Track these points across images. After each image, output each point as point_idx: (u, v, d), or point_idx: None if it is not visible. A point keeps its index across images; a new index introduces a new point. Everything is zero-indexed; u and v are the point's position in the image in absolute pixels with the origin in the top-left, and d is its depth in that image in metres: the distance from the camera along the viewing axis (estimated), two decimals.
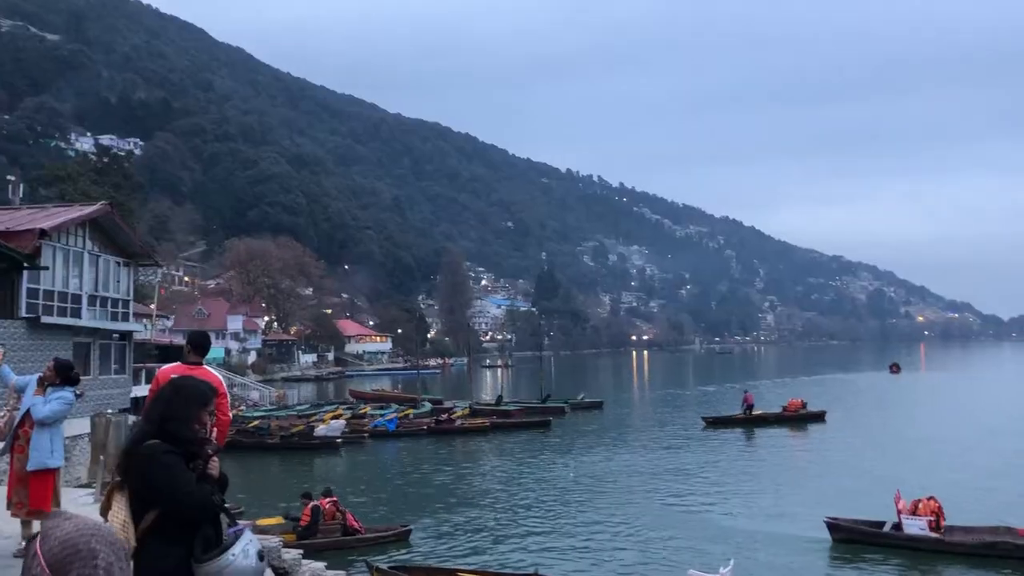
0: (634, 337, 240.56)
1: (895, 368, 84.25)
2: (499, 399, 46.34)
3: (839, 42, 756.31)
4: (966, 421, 37.97)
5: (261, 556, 3.64)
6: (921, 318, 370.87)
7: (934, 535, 14.79)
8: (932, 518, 14.95)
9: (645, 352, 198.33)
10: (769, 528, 17.24)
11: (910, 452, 28.22)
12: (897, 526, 15.40)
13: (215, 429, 4.07)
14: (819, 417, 37.62)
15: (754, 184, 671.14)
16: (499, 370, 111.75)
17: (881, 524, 15.70)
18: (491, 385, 77.28)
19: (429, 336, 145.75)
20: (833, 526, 15.67)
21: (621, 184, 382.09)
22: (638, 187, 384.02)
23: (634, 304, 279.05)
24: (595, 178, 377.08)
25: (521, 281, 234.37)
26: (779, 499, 20.37)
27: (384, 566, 13.18)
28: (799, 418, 37.32)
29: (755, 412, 37.51)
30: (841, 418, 38.51)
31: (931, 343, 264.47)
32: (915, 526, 14.94)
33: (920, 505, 15.19)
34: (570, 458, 27.76)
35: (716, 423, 36.59)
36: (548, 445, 31.31)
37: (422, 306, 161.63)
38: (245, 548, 3.53)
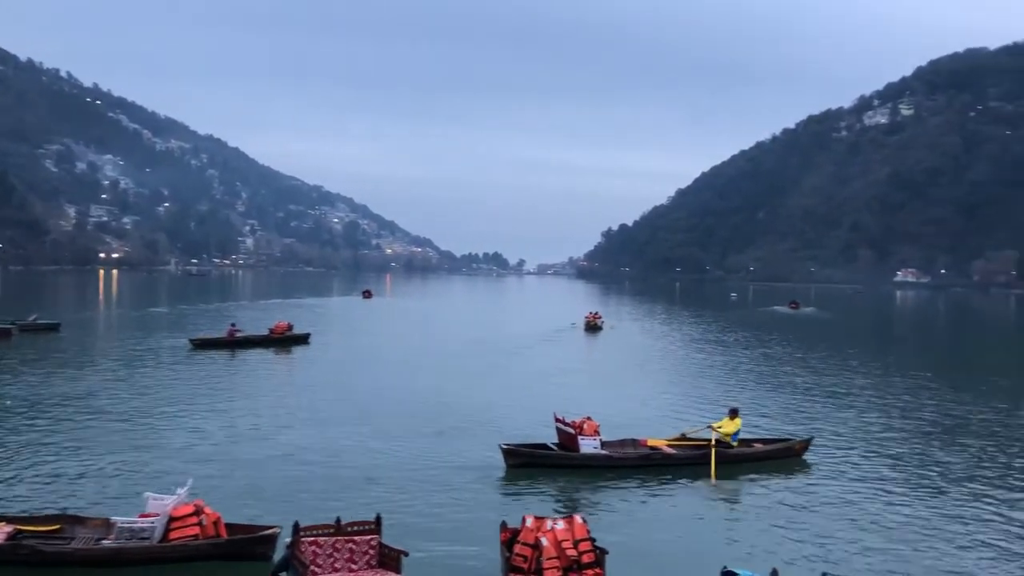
0: (103, 255, 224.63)
1: (368, 294, 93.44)
2: None
3: None
4: (430, 340, 42.74)
5: None
6: (390, 250, 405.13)
7: (604, 452, 15.65)
8: (599, 437, 15.76)
9: (115, 271, 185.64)
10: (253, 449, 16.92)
11: (394, 369, 30.71)
12: (563, 446, 15.85)
13: None
14: (303, 339, 38.95)
15: (242, 106, 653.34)
16: None
17: (545, 446, 15.95)
18: None
19: None
20: (510, 452, 15.38)
21: (95, 85, 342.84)
22: (115, 91, 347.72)
23: (104, 219, 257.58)
24: (64, 73, 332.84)
25: None
26: (256, 419, 20.14)
27: None
28: (285, 340, 38.10)
29: (242, 334, 37.46)
30: (323, 339, 40.66)
31: (396, 273, 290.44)
32: (590, 445, 15.58)
33: (585, 425, 15.80)
34: (13, 386, 24.04)
35: (203, 345, 35.25)
36: None
37: None
38: None
